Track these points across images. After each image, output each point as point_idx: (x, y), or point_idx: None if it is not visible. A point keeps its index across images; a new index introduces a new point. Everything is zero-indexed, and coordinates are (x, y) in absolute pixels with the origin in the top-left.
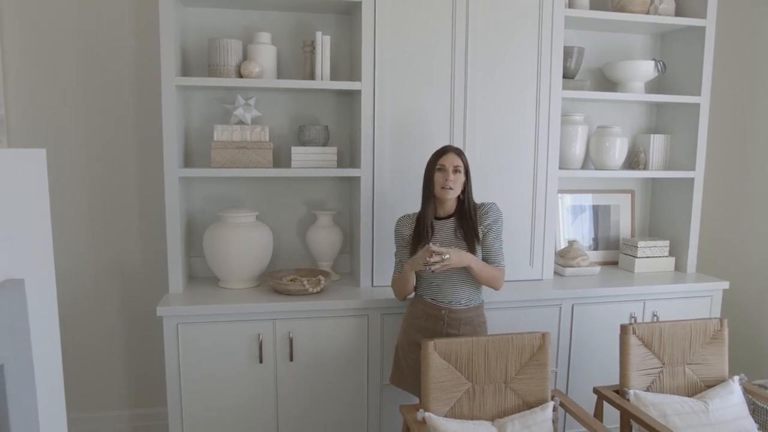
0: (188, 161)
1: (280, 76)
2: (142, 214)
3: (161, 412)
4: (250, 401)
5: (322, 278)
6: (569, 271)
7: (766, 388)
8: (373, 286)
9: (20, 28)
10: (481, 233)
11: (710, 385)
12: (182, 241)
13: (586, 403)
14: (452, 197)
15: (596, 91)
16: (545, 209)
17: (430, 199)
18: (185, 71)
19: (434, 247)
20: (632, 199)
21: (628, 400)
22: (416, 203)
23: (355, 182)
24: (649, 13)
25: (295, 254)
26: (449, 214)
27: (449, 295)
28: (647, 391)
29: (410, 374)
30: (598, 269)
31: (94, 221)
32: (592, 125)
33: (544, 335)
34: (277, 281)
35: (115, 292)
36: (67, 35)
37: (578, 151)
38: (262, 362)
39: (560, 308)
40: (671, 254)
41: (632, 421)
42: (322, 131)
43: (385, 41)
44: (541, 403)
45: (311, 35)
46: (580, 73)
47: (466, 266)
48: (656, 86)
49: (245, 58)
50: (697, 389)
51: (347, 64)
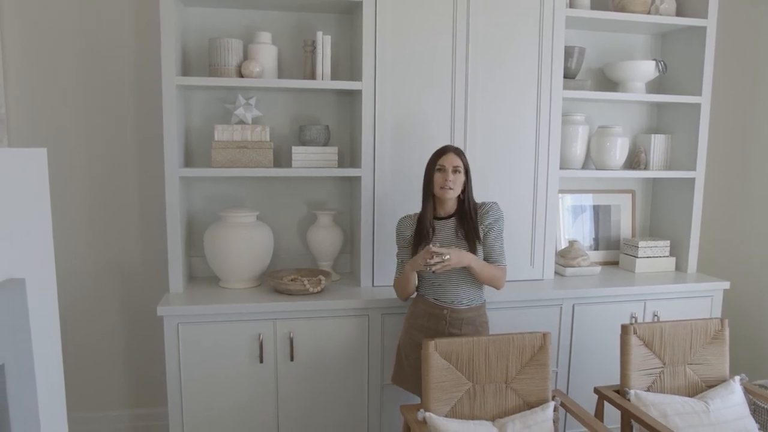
0: (189, 161)
1: (280, 75)
2: (142, 213)
3: (162, 411)
4: (250, 401)
5: (322, 278)
6: (570, 271)
7: (766, 388)
8: (373, 286)
9: (20, 27)
10: (482, 233)
11: (711, 385)
12: (183, 240)
13: (586, 403)
14: (452, 197)
15: (597, 91)
16: (546, 209)
17: (430, 199)
18: (186, 71)
19: (435, 248)
20: (633, 199)
21: (628, 400)
22: (417, 203)
23: (355, 182)
24: (649, 13)
25: (295, 254)
26: (450, 214)
27: (451, 294)
28: (648, 391)
29: (412, 374)
30: (598, 269)
31: (94, 221)
32: (592, 125)
33: (544, 335)
34: (277, 281)
35: (115, 291)
36: (67, 35)
37: (579, 151)
38: (262, 362)
39: (561, 308)
40: (672, 254)
41: (633, 421)
42: (322, 131)
43: (385, 41)
44: (541, 403)
45: (312, 35)
46: (580, 73)
47: (466, 266)
48: (657, 86)
49: (246, 57)
50: (697, 389)
51: (348, 64)
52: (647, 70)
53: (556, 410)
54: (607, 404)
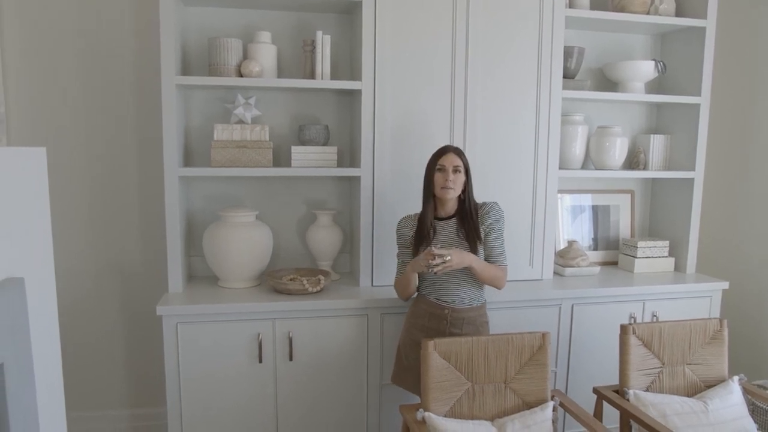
0: (188, 160)
1: (280, 75)
2: (141, 213)
3: (161, 411)
4: (249, 401)
5: (321, 278)
6: (569, 271)
7: (765, 388)
8: (372, 285)
9: (20, 27)
10: (482, 233)
11: (710, 385)
12: (182, 240)
13: (585, 403)
14: (452, 197)
15: (596, 91)
16: (545, 209)
17: (430, 199)
18: (185, 70)
19: (436, 249)
20: (632, 199)
21: (627, 400)
22: (416, 203)
23: (355, 182)
24: (649, 13)
25: (294, 254)
26: (450, 214)
27: (452, 294)
28: (647, 391)
29: (412, 373)
30: (597, 269)
31: (94, 220)
32: (592, 125)
33: (543, 335)
34: (276, 281)
35: (114, 291)
36: (67, 35)
37: (578, 151)
38: (261, 362)
39: (560, 308)
40: (671, 254)
41: (632, 421)
42: (322, 131)
43: (385, 41)
44: (540, 403)
45: (312, 35)
46: (580, 73)
47: (467, 266)
48: (656, 86)
49: (245, 57)
50: (696, 389)
51: (347, 63)
52: (647, 70)
53: (555, 410)
54: (606, 404)
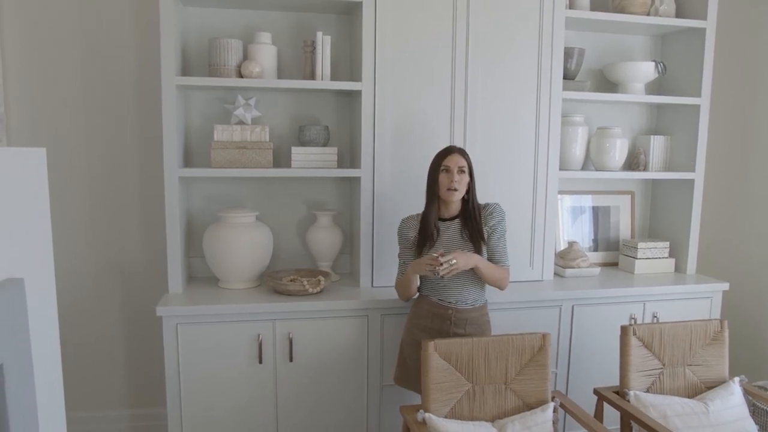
0: (188, 161)
1: (280, 76)
2: (142, 213)
3: (161, 412)
4: (249, 402)
5: (322, 279)
6: (569, 272)
7: (766, 389)
8: (373, 286)
9: (20, 27)
10: (486, 234)
11: (710, 386)
12: (182, 241)
13: (586, 404)
14: (457, 198)
15: (596, 92)
16: (545, 210)
17: (434, 200)
18: (185, 71)
19: (442, 258)
20: (632, 200)
21: (628, 401)
22: (416, 203)
23: (355, 182)
24: (649, 14)
25: (295, 254)
26: (454, 215)
27: (456, 294)
28: (647, 392)
29: (414, 374)
30: (598, 270)
31: (94, 221)
32: (592, 126)
33: (544, 336)
34: (277, 281)
35: (114, 291)
36: (67, 35)
37: (578, 152)
38: (261, 363)
39: (560, 309)
40: (671, 255)
41: (632, 422)
42: (322, 131)
43: (385, 41)
44: (541, 404)
45: (312, 35)
46: (580, 74)
47: (473, 267)
48: (656, 87)
49: (245, 57)
50: (697, 390)
51: (348, 64)
52: (647, 71)
53: (555, 411)
54: (606, 405)
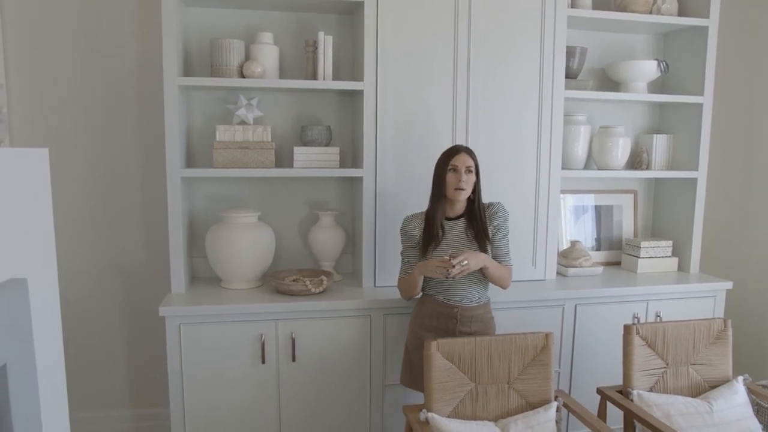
0: (190, 161)
1: (282, 76)
2: (144, 214)
3: (163, 412)
4: (252, 402)
5: (324, 278)
6: (572, 271)
7: None
8: (375, 286)
9: (22, 27)
10: (490, 233)
11: (714, 385)
12: (184, 241)
13: (589, 403)
14: (464, 198)
15: (599, 91)
16: (548, 209)
17: (440, 199)
18: (187, 71)
19: (454, 260)
20: (635, 199)
21: (631, 400)
22: (419, 203)
23: (357, 182)
24: (651, 12)
25: (297, 254)
26: (459, 214)
27: (461, 293)
28: (651, 391)
29: (421, 374)
30: (600, 269)
31: (96, 221)
32: (594, 125)
33: (547, 335)
34: (279, 281)
35: (117, 292)
36: (68, 35)
37: (581, 151)
38: (264, 363)
39: (563, 308)
40: (674, 254)
41: (636, 421)
42: (324, 131)
43: (387, 41)
44: (544, 403)
45: (313, 35)
46: (582, 73)
47: (481, 267)
48: (659, 86)
49: (247, 58)
50: (700, 390)
51: (349, 64)
52: (649, 70)
53: (558, 411)
54: (609, 405)
